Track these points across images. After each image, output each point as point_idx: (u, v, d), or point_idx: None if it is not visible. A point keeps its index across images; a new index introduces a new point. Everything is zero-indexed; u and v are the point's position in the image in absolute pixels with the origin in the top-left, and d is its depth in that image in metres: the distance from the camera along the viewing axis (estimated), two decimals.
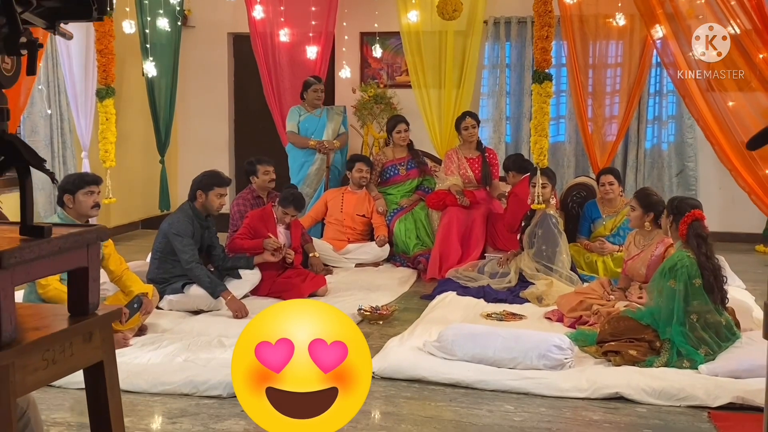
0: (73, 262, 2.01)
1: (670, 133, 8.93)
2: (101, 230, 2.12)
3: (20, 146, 1.85)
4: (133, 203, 9.16)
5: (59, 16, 1.88)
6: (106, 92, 6.25)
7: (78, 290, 2.07)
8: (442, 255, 7.14)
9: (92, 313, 2.09)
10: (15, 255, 1.75)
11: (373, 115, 9.20)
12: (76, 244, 2.00)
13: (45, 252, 1.87)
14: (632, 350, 4.51)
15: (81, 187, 4.89)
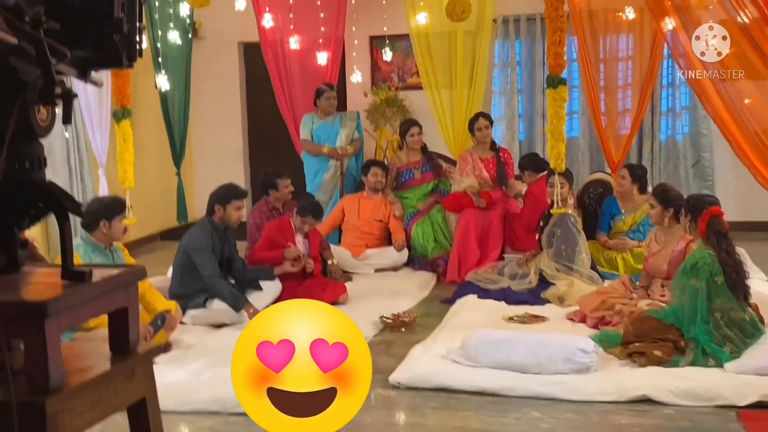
0: (114, 303, 2.04)
1: (685, 124, 8.90)
2: (139, 270, 2.15)
3: (58, 193, 1.89)
4: (151, 216, 9.20)
5: (90, 64, 1.91)
6: (123, 113, 6.29)
7: (118, 329, 2.09)
8: (461, 257, 7.14)
9: (133, 351, 2.10)
10: (60, 303, 1.77)
11: (386, 118, 9.21)
12: (117, 286, 2.02)
13: (87, 297, 1.89)
14: (657, 350, 4.50)
15: (117, 214, 4.96)
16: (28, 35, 1.63)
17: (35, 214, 1.92)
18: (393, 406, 4.24)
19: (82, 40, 1.84)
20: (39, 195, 1.89)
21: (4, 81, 1.75)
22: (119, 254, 5.12)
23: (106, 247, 4.98)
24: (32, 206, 1.90)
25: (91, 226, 4.92)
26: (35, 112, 1.83)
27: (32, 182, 1.88)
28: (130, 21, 1.91)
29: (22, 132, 1.80)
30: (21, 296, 1.85)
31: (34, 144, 1.90)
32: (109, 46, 1.86)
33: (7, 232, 1.90)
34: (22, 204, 1.88)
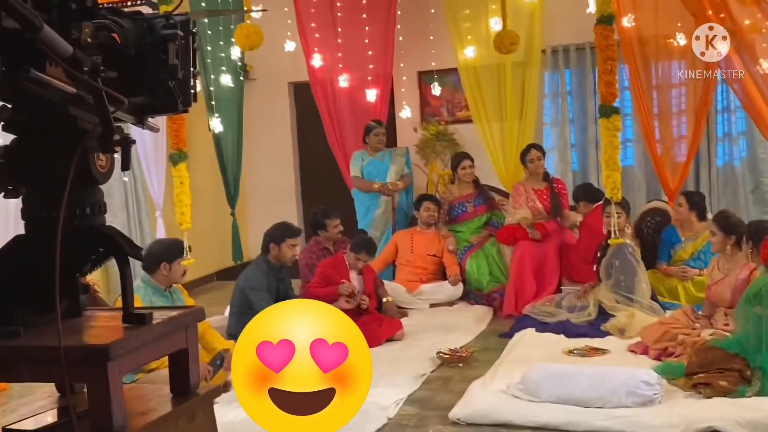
0: (174, 345, 2.05)
1: (742, 149, 8.73)
2: (198, 312, 2.17)
3: (119, 238, 1.91)
4: (207, 256, 9.31)
5: (147, 111, 1.94)
6: (179, 157, 6.40)
7: (179, 371, 2.10)
8: (517, 290, 7.07)
9: (194, 393, 2.11)
10: (121, 346, 1.79)
11: (437, 153, 9.22)
12: (176, 328, 2.04)
13: (148, 339, 1.91)
14: (722, 381, 4.38)
15: (177, 256, 5.06)
16: (87, 84, 1.66)
17: (96, 259, 1.94)
18: None
19: (139, 87, 1.87)
20: (99, 240, 1.92)
21: (65, 129, 1.79)
22: (179, 295, 5.18)
23: (166, 289, 5.05)
24: (93, 251, 1.93)
25: (151, 268, 5.00)
26: (95, 159, 1.86)
27: (93, 228, 1.92)
28: (185, 67, 1.94)
29: (82, 178, 1.83)
30: (84, 340, 1.87)
31: (94, 190, 1.93)
32: (165, 92, 1.90)
33: (69, 277, 1.91)
34: (83, 249, 1.91)
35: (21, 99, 1.73)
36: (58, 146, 1.77)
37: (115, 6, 1.88)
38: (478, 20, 8.50)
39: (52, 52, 1.54)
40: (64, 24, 1.64)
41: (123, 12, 1.88)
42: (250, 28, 6.83)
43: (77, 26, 1.68)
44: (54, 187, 1.71)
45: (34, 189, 1.87)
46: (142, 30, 1.87)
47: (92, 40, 1.71)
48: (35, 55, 1.56)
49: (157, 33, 1.88)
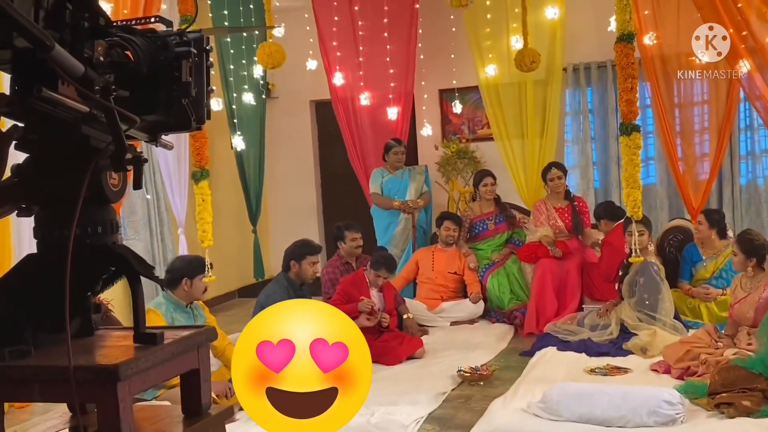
0: (186, 365, 2.03)
1: (765, 167, 8.66)
2: (210, 331, 2.14)
3: (130, 257, 1.89)
4: (229, 273, 9.37)
5: (160, 128, 1.94)
6: (201, 174, 6.46)
7: (190, 392, 2.07)
8: (539, 308, 7.05)
9: (205, 414, 2.08)
10: (131, 366, 1.77)
11: (457, 171, 9.22)
12: (188, 348, 2.01)
13: (159, 359, 1.89)
14: (745, 401, 4.33)
15: (199, 273, 5.09)
16: (99, 104, 1.67)
17: (108, 278, 1.93)
18: None
19: (152, 105, 1.87)
20: (111, 259, 1.90)
21: (77, 148, 1.79)
22: (200, 312, 5.21)
23: (187, 305, 5.08)
24: (105, 270, 1.91)
25: (173, 284, 5.03)
26: (107, 178, 1.85)
27: (104, 246, 1.90)
28: (198, 84, 1.93)
29: (94, 197, 1.82)
30: (94, 360, 1.84)
31: (106, 209, 1.92)
32: (178, 110, 1.89)
33: (80, 296, 1.90)
34: (94, 268, 1.89)
35: (33, 118, 1.74)
36: (71, 165, 1.76)
37: (128, 24, 1.89)
38: (499, 39, 8.54)
39: (63, 71, 1.55)
40: (76, 43, 1.65)
41: (136, 30, 1.88)
42: (272, 46, 6.89)
43: (90, 45, 1.68)
44: (66, 206, 1.71)
45: (46, 207, 1.87)
46: (155, 48, 1.87)
47: (105, 59, 1.72)
48: (47, 74, 1.57)
49: (171, 50, 1.88)
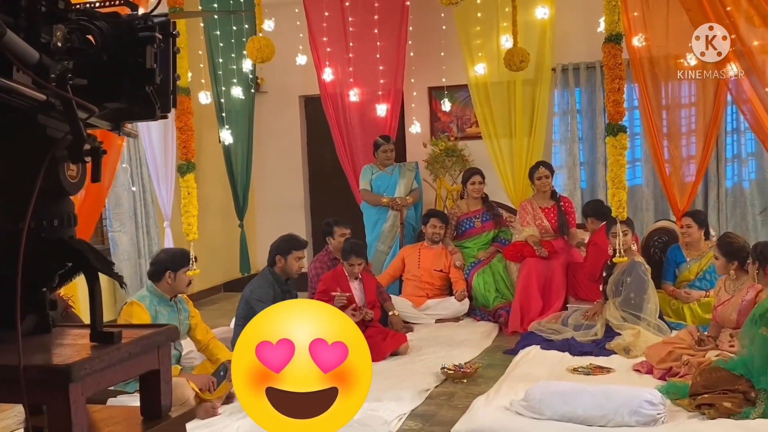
0: (145, 365, 1.95)
1: (751, 170, 8.72)
2: (171, 331, 2.06)
3: (88, 253, 1.82)
4: (215, 267, 9.35)
5: (123, 117, 1.87)
6: (187, 167, 6.45)
7: (150, 393, 1.99)
8: (523, 307, 7.07)
9: (165, 416, 2.00)
10: (85, 367, 1.69)
11: (445, 168, 9.23)
12: (147, 348, 1.93)
13: (115, 359, 1.80)
14: (727, 402, 4.36)
15: (183, 266, 5.07)
16: (54, 93, 1.60)
17: (65, 273, 1.85)
18: None
19: (115, 92, 1.80)
20: (68, 254, 1.82)
21: (33, 138, 1.71)
22: (184, 305, 5.20)
23: (171, 298, 5.06)
24: (61, 265, 1.84)
25: (156, 276, 5.02)
26: (64, 169, 1.77)
27: (61, 241, 1.82)
28: (164, 71, 1.86)
29: (51, 189, 1.75)
30: (46, 359, 1.76)
31: (64, 201, 1.85)
32: (143, 98, 1.82)
33: (35, 292, 1.81)
34: (50, 263, 1.82)
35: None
36: (26, 156, 1.70)
37: (90, 7, 1.81)
38: (490, 37, 8.55)
39: (16, 58, 1.49)
40: (32, 28, 1.59)
41: (98, 14, 1.80)
42: (261, 41, 6.87)
43: (48, 30, 1.62)
44: (21, 198, 1.64)
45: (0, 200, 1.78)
46: (118, 32, 1.79)
47: (63, 45, 1.65)
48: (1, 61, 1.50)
49: (135, 35, 1.79)
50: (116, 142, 5.60)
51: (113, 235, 7.68)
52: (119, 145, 5.73)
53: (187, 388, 4.79)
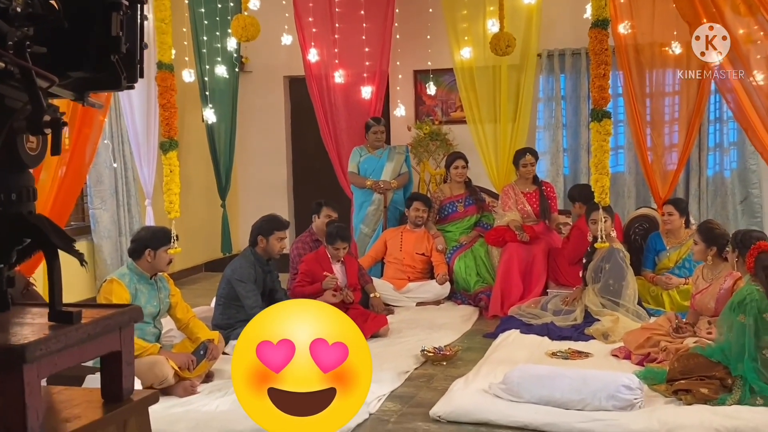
0: (106, 347, 1.88)
1: (733, 160, 8.77)
2: (134, 311, 1.99)
3: (47, 229, 1.75)
4: (196, 247, 9.31)
5: (87, 86, 1.81)
6: (170, 145, 6.40)
7: (111, 376, 1.93)
8: (504, 292, 7.09)
9: (127, 399, 1.95)
10: (40, 347, 1.62)
11: (429, 152, 9.23)
12: (108, 328, 1.86)
13: (74, 340, 1.73)
14: (703, 388, 4.40)
15: (163, 244, 5.03)
16: (12, 61, 1.54)
17: (24, 249, 1.78)
18: None
19: (78, 60, 1.73)
20: (26, 229, 1.75)
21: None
22: (164, 284, 5.18)
23: (151, 277, 5.04)
24: (18, 241, 1.77)
25: (136, 254, 4.99)
26: (23, 141, 1.71)
27: (19, 216, 1.75)
28: (130, 40, 1.79)
29: (9, 162, 1.69)
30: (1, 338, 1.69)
31: (22, 175, 1.77)
32: (107, 67, 1.74)
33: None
34: (7, 239, 1.75)
35: None
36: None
37: None
38: (476, 21, 8.53)
39: None
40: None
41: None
42: (247, 19, 6.81)
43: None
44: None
45: None
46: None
47: (23, 10, 1.58)
48: None
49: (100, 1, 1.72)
50: (98, 117, 5.55)
51: (94, 213, 7.63)
52: (101, 120, 5.67)
53: (167, 366, 4.79)
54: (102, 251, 7.67)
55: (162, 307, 5.10)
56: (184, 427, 4.32)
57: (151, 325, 5.03)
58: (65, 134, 5.62)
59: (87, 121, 5.50)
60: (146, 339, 4.91)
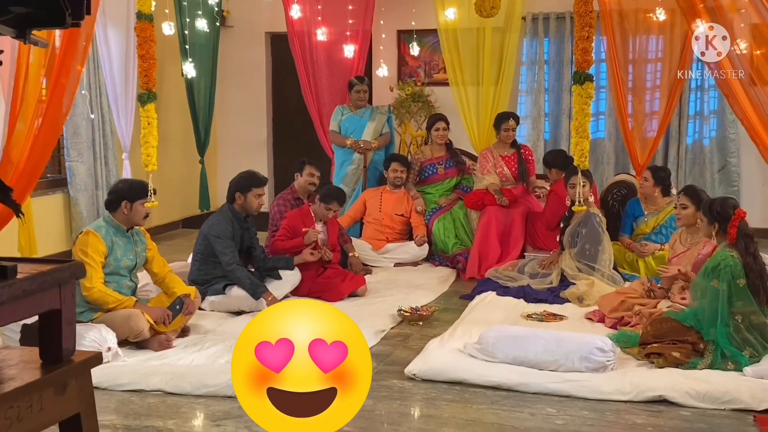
0: (44, 304, 1.79)
1: (712, 128, 8.82)
2: (76, 267, 1.90)
3: None
4: (173, 203, 9.26)
5: (30, 23, 1.73)
6: (148, 97, 6.32)
7: (50, 335, 1.83)
8: (482, 254, 7.12)
9: (67, 361, 1.85)
10: None
11: (411, 114, 9.19)
12: (46, 285, 1.78)
13: (5, 297, 1.65)
14: (675, 352, 4.46)
15: (140, 197, 4.97)
16: None
17: None
18: (407, 398, 4.23)
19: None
20: None
21: None
22: (141, 237, 5.15)
23: (127, 230, 5.00)
24: None
25: (113, 205, 4.94)
26: None
27: None
28: None
29: None
30: None
31: None
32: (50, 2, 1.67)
33: None
34: None
35: None
36: None
37: None
38: None
39: None
40: None
41: None
42: None
43: None
44: None
45: None
46: None
47: None
48: None
49: None
50: (75, 67, 5.46)
51: (70, 165, 7.55)
52: (78, 70, 5.58)
53: (142, 320, 4.78)
54: (78, 204, 7.61)
55: (138, 260, 5.07)
56: (159, 380, 4.33)
57: (127, 278, 5.01)
58: (42, 85, 5.54)
59: (64, 71, 5.41)
60: (122, 292, 4.89)
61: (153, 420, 3.91)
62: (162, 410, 4.04)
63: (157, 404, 4.12)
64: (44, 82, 5.50)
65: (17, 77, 5.21)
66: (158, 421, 3.89)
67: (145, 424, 3.86)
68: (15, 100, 5.26)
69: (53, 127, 5.57)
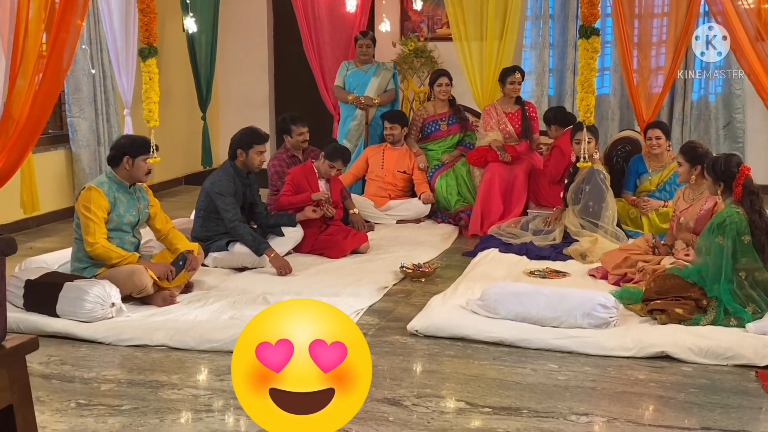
0: None
1: (718, 84, 8.74)
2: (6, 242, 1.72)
3: None
4: (176, 159, 9.24)
5: None
6: (149, 52, 6.25)
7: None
8: (484, 211, 7.10)
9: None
10: None
11: (414, 70, 9.11)
12: None
13: None
14: (678, 308, 4.46)
15: (142, 153, 4.94)
16: None
17: None
18: (410, 353, 4.25)
19: None
20: None
21: None
22: (143, 194, 5.13)
23: (130, 186, 4.99)
24: None
25: (115, 161, 4.91)
26: None
27: None
28: None
29: None
30: None
31: None
32: None
33: None
34: None
35: None
36: None
37: None
38: None
39: None
40: None
41: None
42: None
43: None
44: None
45: None
46: None
47: None
48: None
49: None
50: (75, 21, 5.39)
51: (72, 121, 7.51)
52: (79, 25, 5.51)
53: (146, 276, 4.78)
54: (80, 160, 7.58)
55: (141, 216, 5.06)
56: (163, 335, 4.35)
57: (130, 234, 5.00)
58: (42, 39, 5.48)
59: (64, 26, 5.33)
60: (125, 248, 4.89)
61: (157, 375, 3.94)
62: (166, 365, 4.07)
63: (161, 359, 4.15)
64: (44, 37, 5.44)
65: (17, 32, 5.14)
66: (162, 376, 3.91)
67: (149, 378, 3.89)
68: (15, 55, 5.20)
69: (54, 83, 5.51)
